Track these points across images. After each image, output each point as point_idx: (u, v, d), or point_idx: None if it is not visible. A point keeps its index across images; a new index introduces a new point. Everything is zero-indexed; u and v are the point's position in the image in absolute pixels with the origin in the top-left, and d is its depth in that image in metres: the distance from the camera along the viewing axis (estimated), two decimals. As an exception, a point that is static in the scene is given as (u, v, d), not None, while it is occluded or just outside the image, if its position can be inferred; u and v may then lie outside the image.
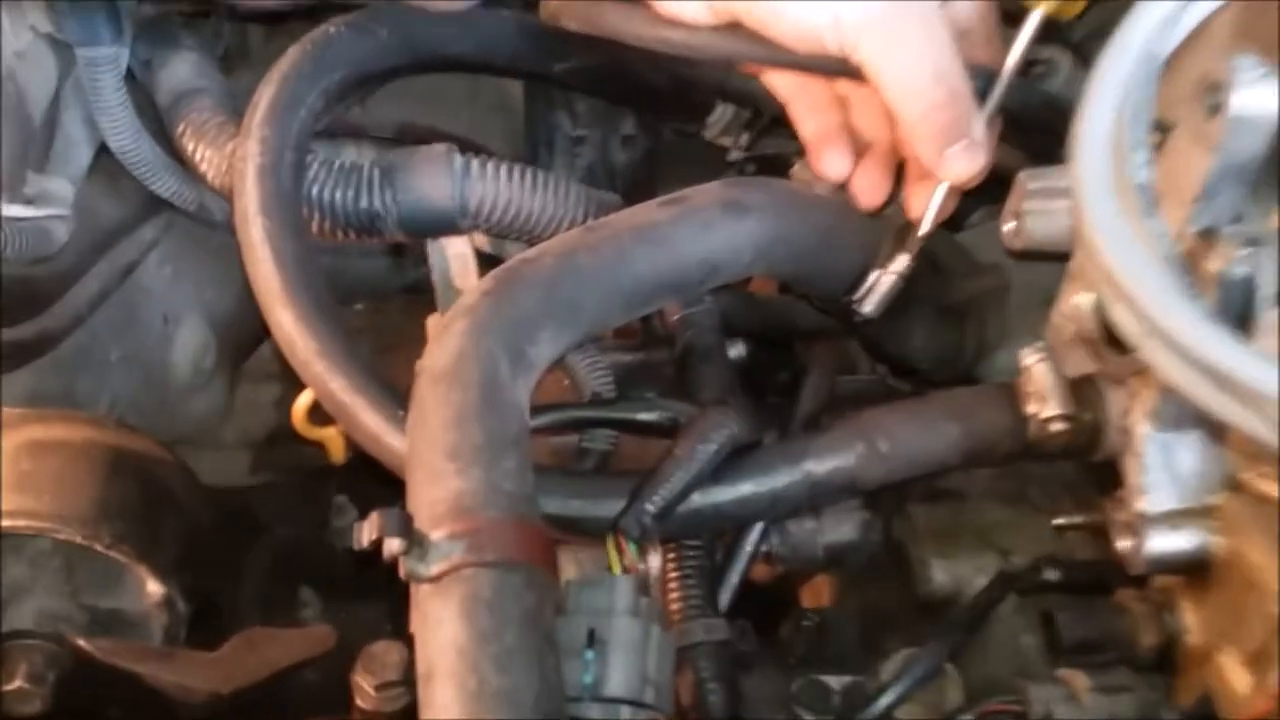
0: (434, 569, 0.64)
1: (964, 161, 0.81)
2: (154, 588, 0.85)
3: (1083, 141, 0.62)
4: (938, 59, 0.80)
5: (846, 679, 0.82)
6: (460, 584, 0.63)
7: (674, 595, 0.80)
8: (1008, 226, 0.83)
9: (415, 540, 0.64)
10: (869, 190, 0.90)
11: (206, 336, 1.25)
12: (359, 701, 0.82)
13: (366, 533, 0.64)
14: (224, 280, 1.24)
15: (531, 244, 0.87)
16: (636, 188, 1.31)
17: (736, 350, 0.97)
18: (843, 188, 0.94)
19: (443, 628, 0.62)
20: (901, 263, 0.90)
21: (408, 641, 0.66)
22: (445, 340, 0.74)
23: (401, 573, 0.64)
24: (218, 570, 0.95)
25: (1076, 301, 0.74)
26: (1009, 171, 0.86)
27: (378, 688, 0.82)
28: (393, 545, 0.64)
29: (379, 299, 1.35)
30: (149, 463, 0.92)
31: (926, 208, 0.86)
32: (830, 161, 0.90)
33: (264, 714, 0.87)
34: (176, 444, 1.27)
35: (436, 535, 0.64)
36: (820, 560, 0.89)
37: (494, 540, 0.64)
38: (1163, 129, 0.64)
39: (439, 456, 0.67)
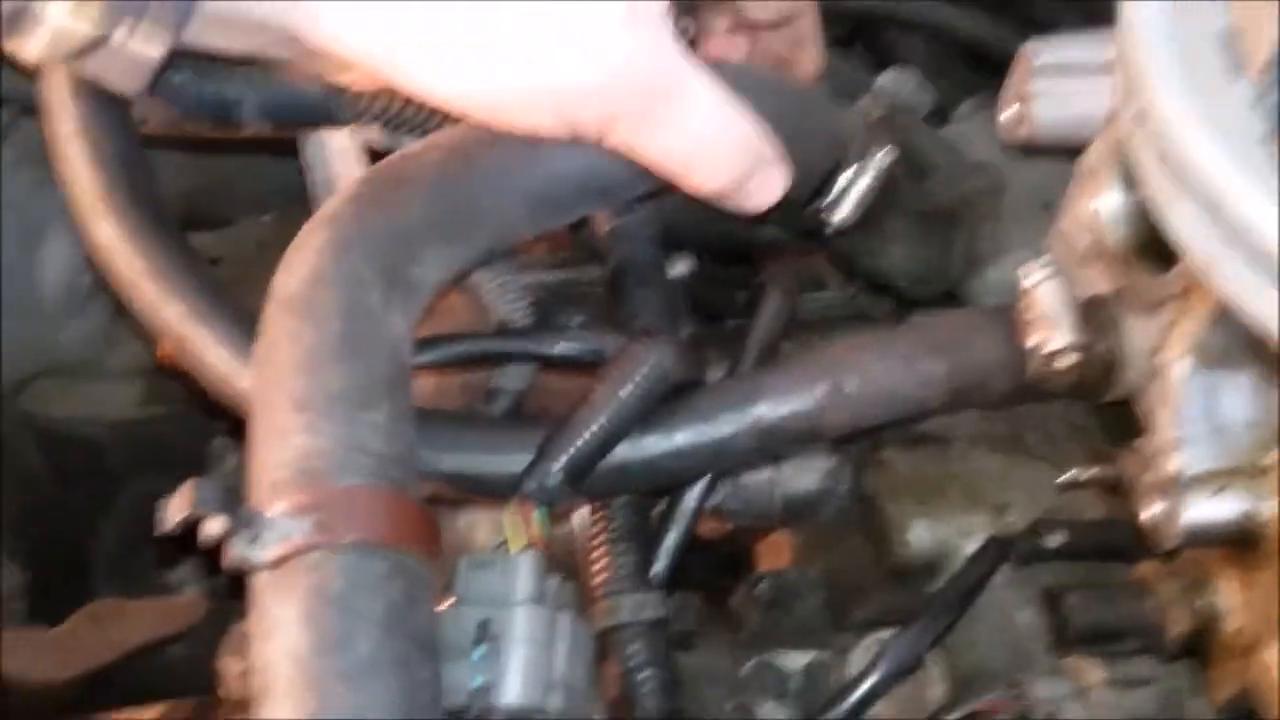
0: (270, 553, 0.51)
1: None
2: (-25, 561, 0.70)
3: None
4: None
5: (807, 655, 0.69)
6: (303, 573, 0.50)
7: (598, 565, 0.66)
8: (1009, 112, 0.70)
9: (244, 517, 0.50)
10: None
11: (81, 252, 1.08)
12: (220, 691, 0.69)
13: (175, 509, 0.50)
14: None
15: (433, 138, 0.71)
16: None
17: (681, 267, 0.82)
18: None
19: (279, 631, 0.49)
20: (878, 161, 0.78)
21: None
22: (299, 258, 0.59)
23: (226, 560, 0.50)
24: (71, 528, 0.79)
25: (1095, 206, 0.59)
26: (999, 52, 0.72)
27: (244, 674, 0.68)
28: (212, 526, 0.49)
29: (291, 204, 1.18)
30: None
31: None
32: None
33: (117, 699, 0.73)
34: (52, 374, 1.15)
35: (275, 510, 0.51)
36: (778, 515, 0.77)
37: (350, 515, 0.51)
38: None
39: (284, 407, 0.54)
